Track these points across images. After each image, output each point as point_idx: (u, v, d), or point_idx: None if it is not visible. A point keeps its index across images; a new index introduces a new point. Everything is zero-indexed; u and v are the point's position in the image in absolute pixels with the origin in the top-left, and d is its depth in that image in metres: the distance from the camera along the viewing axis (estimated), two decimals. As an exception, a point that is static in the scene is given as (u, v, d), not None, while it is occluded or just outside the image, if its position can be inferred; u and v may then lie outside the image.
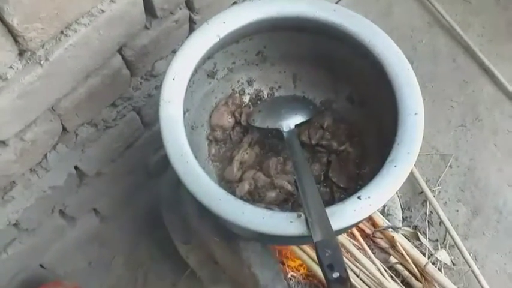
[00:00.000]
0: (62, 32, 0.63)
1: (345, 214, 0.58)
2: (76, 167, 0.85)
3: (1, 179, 0.70)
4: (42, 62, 0.62)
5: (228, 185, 0.76)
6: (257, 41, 0.76)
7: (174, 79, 0.65)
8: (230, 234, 0.72)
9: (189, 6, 0.80)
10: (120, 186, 1.03)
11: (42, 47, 0.62)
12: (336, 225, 0.57)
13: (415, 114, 0.63)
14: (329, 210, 0.58)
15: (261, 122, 0.77)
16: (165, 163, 0.99)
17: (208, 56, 0.71)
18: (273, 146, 0.79)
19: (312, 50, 0.77)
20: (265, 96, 0.83)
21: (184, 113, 0.65)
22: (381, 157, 0.64)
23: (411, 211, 1.12)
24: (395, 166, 0.60)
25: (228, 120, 0.79)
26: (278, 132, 0.75)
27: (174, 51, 0.85)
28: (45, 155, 0.76)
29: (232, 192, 0.72)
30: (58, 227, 0.93)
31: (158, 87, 0.88)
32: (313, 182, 0.63)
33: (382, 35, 0.68)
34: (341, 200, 0.62)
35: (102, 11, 0.65)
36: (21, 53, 0.59)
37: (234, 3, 0.89)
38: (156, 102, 0.64)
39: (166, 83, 0.65)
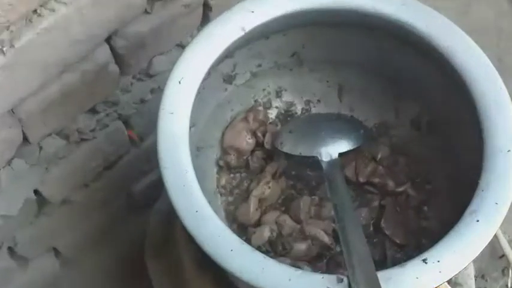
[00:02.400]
0: (35, 11, 0.64)
1: (404, 282, 0.57)
2: (36, 191, 0.86)
3: None
4: (5, 49, 0.63)
5: (241, 229, 0.76)
6: (293, 37, 0.77)
7: (180, 82, 0.65)
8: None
9: (206, -14, 0.81)
10: (92, 219, 1.03)
11: (7, 29, 0.62)
12: (391, 296, 0.57)
13: (508, 151, 0.62)
14: (382, 275, 0.57)
15: (292, 147, 0.77)
16: (154, 192, 1.00)
17: (227, 55, 0.72)
18: (306, 181, 0.79)
19: (367, 54, 0.77)
20: (299, 113, 0.83)
21: (190, 128, 0.65)
22: (455, 206, 0.63)
23: (486, 281, 1.11)
24: (477, 220, 0.59)
25: (246, 141, 0.79)
26: (314, 162, 0.75)
27: (181, 45, 0.86)
28: (-3, 172, 0.77)
29: (247, 240, 0.72)
30: (5, 269, 0.94)
31: (155, 91, 0.90)
32: (362, 235, 0.63)
33: (466, 40, 0.69)
34: (396, 260, 0.62)
35: (90, -15, 0.67)
36: (-23, 35, 0.61)
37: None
38: (151, 111, 0.65)
39: (170, 87, 0.65)
